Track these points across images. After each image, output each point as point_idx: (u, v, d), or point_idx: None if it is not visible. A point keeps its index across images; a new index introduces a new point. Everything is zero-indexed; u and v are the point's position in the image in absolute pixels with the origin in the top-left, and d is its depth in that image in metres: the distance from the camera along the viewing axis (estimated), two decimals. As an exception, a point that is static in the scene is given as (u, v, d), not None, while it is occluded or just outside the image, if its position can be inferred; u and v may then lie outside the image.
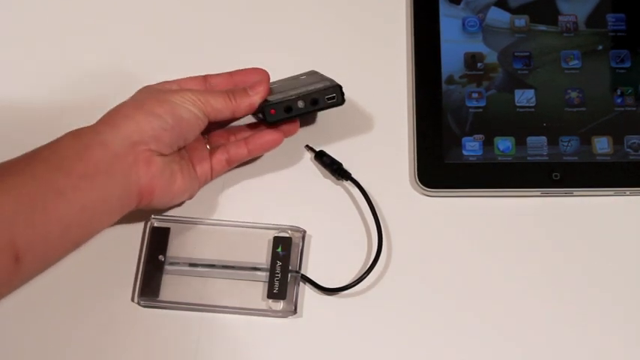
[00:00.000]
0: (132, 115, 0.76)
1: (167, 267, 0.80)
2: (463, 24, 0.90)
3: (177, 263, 0.80)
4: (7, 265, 0.70)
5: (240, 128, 0.84)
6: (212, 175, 0.82)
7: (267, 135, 0.82)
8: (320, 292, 0.80)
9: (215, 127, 0.84)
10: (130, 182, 0.75)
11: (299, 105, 0.81)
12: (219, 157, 0.82)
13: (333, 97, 0.81)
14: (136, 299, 0.79)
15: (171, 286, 0.80)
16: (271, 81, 0.83)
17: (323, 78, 0.84)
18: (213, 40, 0.91)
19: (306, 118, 0.86)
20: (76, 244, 0.77)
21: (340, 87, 0.82)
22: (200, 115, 0.78)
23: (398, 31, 0.90)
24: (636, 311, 0.79)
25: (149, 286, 0.79)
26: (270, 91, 0.82)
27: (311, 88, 0.81)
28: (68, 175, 0.73)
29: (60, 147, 0.75)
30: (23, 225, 0.71)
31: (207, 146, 0.83)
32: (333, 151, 0.84)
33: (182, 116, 0.77)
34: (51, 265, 0.77)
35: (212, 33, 0.91)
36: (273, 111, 0.81)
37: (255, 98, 0.81)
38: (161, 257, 0.80)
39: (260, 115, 0.82)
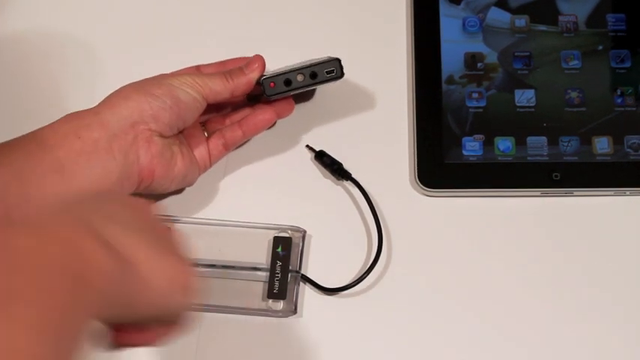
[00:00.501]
0: (131, 96, 0.76)
1: (167, 267, 0.80)
2: (463, 24, 0.90)
3: (177, 263, 0.80)
4: None
5: (235, 111, 0.85)
6: (210, 161, 0.83)
7: (260, 114, 0.82)
8: (320, 292, 0.80)
9: (213, 111, 0.84)
10: (130, 162, 0.75)
11: (298, 78, 0.80)
12: (216, 142, 0.82)
13: (333, 71, 0.81)
14: (136, 299, 0.79)
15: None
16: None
17: (320, 58, 0.83)
18: (213, 40, 0.90)
19: (306, 96, 0.86)
20: None
21: (339, 60, 0.81)
22: (198, 97, 0.78)
23: (398, 31, 0.90)
24: (636, 311, 0.79)
25: None
26: (266, 72, 0.82)
27: (310, 62, 0.81)
28: (66, 151, 0.73)
29: (58, 127, 0.75)
30: (17, 198, 0.71)
31: (205, 133, 0.83)
32: (333, 151, 0.84)
33: (180, 98, 0.77)
34: None
35: (211, 33, 0.91)
36: (272, 84, 0.80)
37: (253, 75, 0.81)
38: (161, 257, 0.80)
39: (261, 90, 0.81)
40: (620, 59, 0.88)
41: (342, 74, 0.81)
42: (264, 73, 0.81)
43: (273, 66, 0.85)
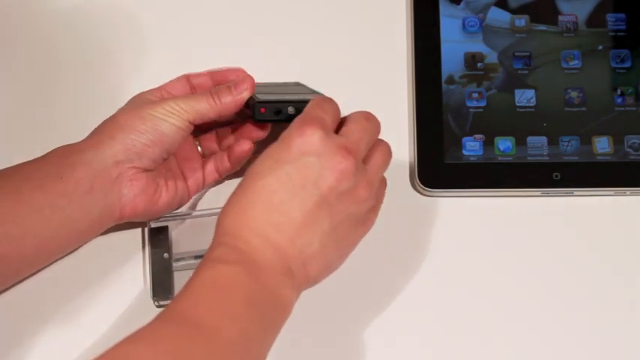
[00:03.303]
0: (115, 136, 0.76)
1: (174, 264, 0.80)
2: (463, 24, 0.90)
3: (183, 258, 0.80)
4: None
5: (228, 131, 0.83)
6: (204, 185, 0.82)
7: (237, 146, 0.81)
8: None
9: (205, 127, 0.83)
10: (111, 201, 0.76)
11: (289, 111, 0.79)
12: (210, 168, 0.82)
13: None
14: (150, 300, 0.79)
15: (182, 280, 0.79)
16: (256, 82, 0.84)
17: (312, 91, 0.83)
18: (211, 44, 0.91)
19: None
20: (53, 258, 0.78)
21: None
22: (183, 126, 0.78)
23: (398, 31, 0.90)
24: (637, 311, 0.79)
25: (161, 285, 0.79)
26: (257, 89, 0.81)
27: (302, 97, 0.80)
28: (47, 193, 0.74)
29: (44, 164, 0.76)
30: None
31: (199, 148, 0.83)
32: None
33: (164, 132, 0.77)
34: (26, 275, 0.78)
35: (210, 37, 0.91)
36: (263, 110, 0.79)
37: (241, 96, 0.79)
38: (166, 255, 0.80)
39: (248, 112, 0.81)
40: (620, 59, 0.88)
41: None
42: (257, 93, 0.80)
43: (271, 66, 0.85)
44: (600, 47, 0.88)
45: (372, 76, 0.89)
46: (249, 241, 0.68)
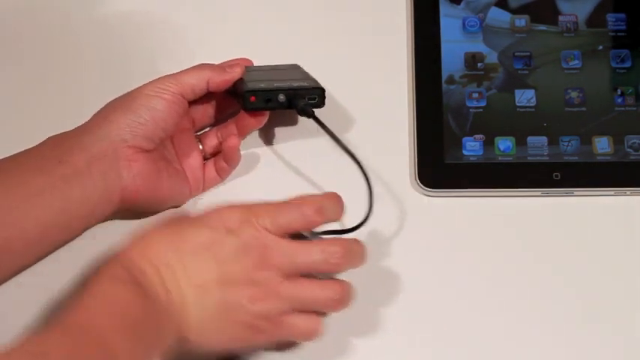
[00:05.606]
0: (108, 117, 0.77)
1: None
2: (463, 24, 0.90)
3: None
4: None
5: (228, 129, 0.83)
6: (204, 185, 0.82)
7: (224, 142, 0.81)
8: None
9: (201, 114, 0.83)
10: (110, 183, 0.76)
11: (280, 98, 0.79)
12: (211, 169, 0.82)
13: (314, 99, 0.80)
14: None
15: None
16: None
17: (306, 76, 0.83)
18: (213, 43, 0.91)
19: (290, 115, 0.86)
20: (57, 245, 0.78)
21: (323, 90, 0.81)
22: (174, 99, 0.78)
23: (398, 31, 0.90)
24: (637, 311, 0.79)
25: None
26: (250, 76, 0.81)
27: (295, 84, 0.80)
28: (48, 176, 0.74)
29: (40, 152, 0.76)
30: (2, 218, 0.72)
31: (200, 145, 0.83)
32: (332, 150, 0.84)
33: (156, 108, 0.77)
34: (31, 264, 0.77)
35: (212, 35, 0.91)
36: (253, 98, 0.79)
37: (232, 75, 0.80)
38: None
39: (241, 102, 0.81)
40: (620, 59, 0.88)
41: (322, 104, 0.81)
42: (249, 81, 0.80)
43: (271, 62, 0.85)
44: (600, 47, 0.88)
45: (371, 76, 0.89)
46: (151, 282, 0.68)
